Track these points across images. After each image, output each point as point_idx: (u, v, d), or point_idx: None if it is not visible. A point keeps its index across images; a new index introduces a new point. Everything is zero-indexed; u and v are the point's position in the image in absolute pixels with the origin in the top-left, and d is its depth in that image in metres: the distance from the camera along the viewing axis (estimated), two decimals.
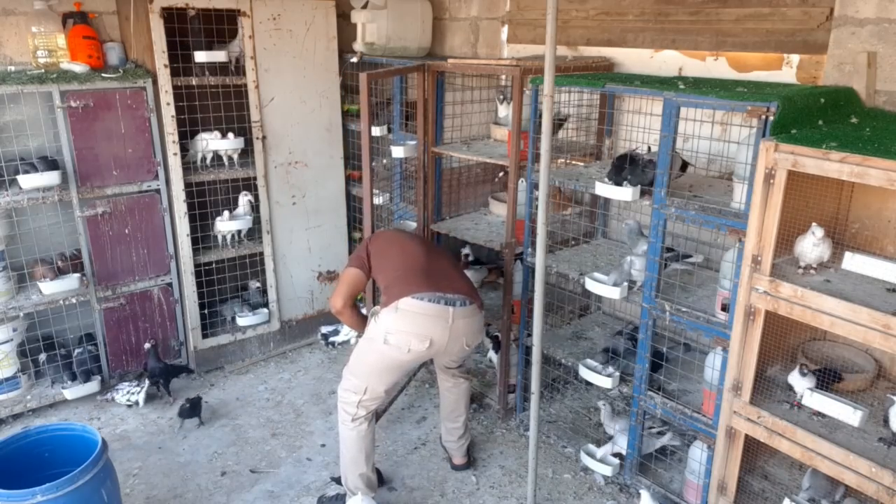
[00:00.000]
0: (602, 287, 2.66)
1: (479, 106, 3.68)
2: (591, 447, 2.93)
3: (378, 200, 3.75)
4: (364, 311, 3.09)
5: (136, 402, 3.43)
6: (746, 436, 2.25)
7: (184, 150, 3.56)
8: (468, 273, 3.36)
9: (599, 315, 3.48)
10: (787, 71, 2.69)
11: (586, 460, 2.89)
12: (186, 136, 3.58)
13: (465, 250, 3.78)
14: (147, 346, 3.46)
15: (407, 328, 2.53)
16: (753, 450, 2.32)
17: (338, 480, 2.86)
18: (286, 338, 4.13)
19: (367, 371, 2.65)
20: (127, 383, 3.49)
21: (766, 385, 2.24)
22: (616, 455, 2.87)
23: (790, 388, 2.15)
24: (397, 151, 3.54)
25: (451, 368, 2.94)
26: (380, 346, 2.57)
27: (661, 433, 2.85)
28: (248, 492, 2.91)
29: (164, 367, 3.49)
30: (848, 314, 1.88)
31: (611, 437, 2.92)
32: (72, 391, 3.38)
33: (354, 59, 3.94)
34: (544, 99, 2.16)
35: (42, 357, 3.46)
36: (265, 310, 3.98)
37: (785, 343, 2.30)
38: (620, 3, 3.19)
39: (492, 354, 3.59)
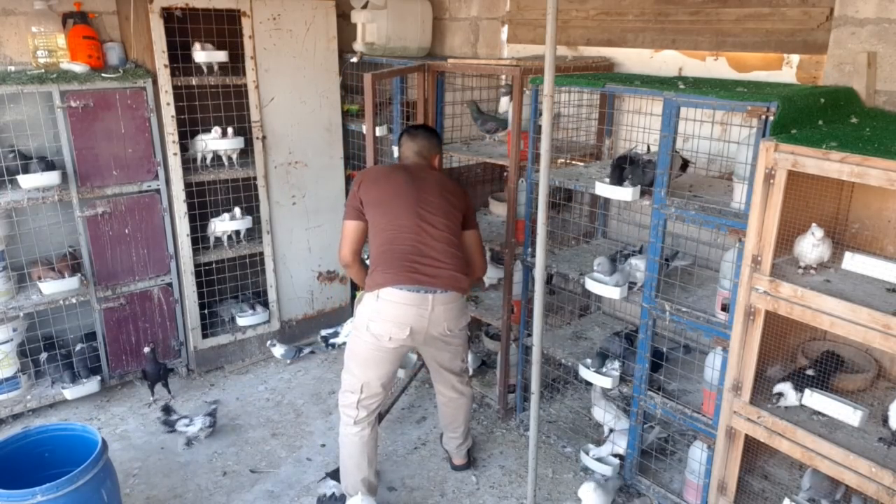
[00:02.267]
0: (602, 287, 2.66)
1: (480, 106, 3.67)
2: (591, 447, 2.94)
3: None
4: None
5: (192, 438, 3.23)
6: (746, 436, 2.25)
7: (184, 150, 3.56)
8: (491, 269, 3.31)
9: (599, 315, 3.48)
10: (787, 71, 2.69)
11: (586, 460, 2.90)
12: (186, 136, 3.58)
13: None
14: (147, 349, 3.45)
15: (387, 316, 2.53)
16: (753, 450, 2.32)
17: (331, 475, 2.85)
18: (286, 338, 4.13)
19: (359, 363, 2.63)
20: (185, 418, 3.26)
21: (766, 385, 2.24)
22: (616, 455, 2.87)
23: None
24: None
25: (452, 374, 2.85)
26: (363, 333, 2.57)
27: (650, 427, 2.85)
28: (248, 492, 2.92)
29: (163, 370, 3.49)
30: (848, 314, 1.88)
31: (600, 425, 2.92)
32: (72, 391, 3.38)
33: (354, 59, 3.94)
34: (544, 99, 2.16)
35: (42, 357, 3.46)
36: (265, 310, 3.98)
37: (785, 343, 2.30)
38: (620, 3, 3.19)
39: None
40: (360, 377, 2.63)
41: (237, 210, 3.73)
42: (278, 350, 3.91)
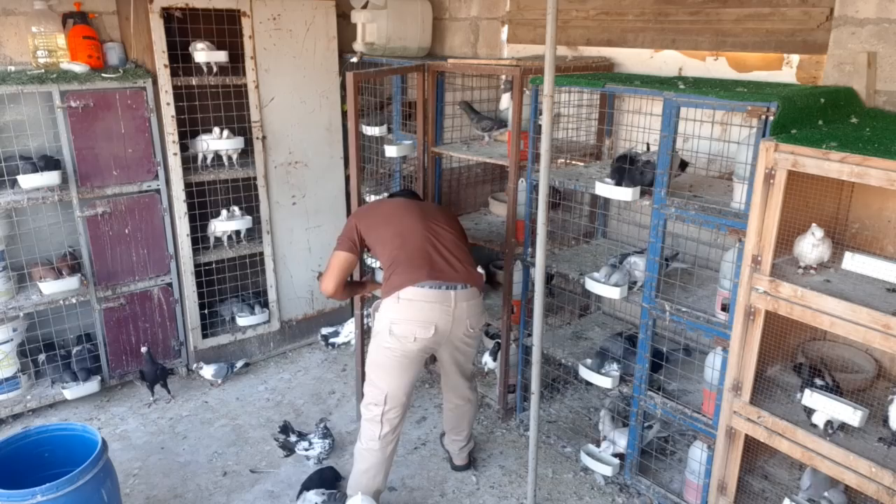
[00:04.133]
0: (602, 287, 2.66)
1: (478, 106, 3.68)
2: (591, 447, 2.93)
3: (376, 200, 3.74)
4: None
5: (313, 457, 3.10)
6: (746, 436, 2.25)
7: (184, 150, 3.56)
8: None
9: (599, 315, 3.49)
10: (787, 71, 2.69)
11: (586, 460, 2.89)
12: (186, 136, 3.58)
13: None
14: (144, 350, 3.45)
15: (410, 316, 2.49)
16: (753, 450, 2.32)
17: (307, 484, 2.81)
18: (286, 338, 4.13)
19: (381, 373, 2.58)
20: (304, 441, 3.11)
21: (766, 385, 2.24)
22: (616, 455, 2.87)
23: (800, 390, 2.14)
24: (390, 151, 3.51)
25: (464, 379, 2.83)
26: (386, 338, 2.52)
27: (648, 427, 2.85)
28: (248, 492, 2.91)
29: (160, 370, 3.49)
30: (848, 314, 1.89)
31: (605, 438, 2.93)
32: (72, 391, 3.38)
33: (354, 59, 3.94)
34: (544, 99, 2.16)
35: (42, 357, 3.46)
36: (265, 310, 3.98)
37: (785, 343, 2.30)
38: (620, 3, 3.19)
39: (487, 359, 3.53)
40: (383, 387, 2.57)
41: (235, 209, 3.73)
42: (207, 371, 3.67)
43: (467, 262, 2.63)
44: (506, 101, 3.39)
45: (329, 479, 2.87)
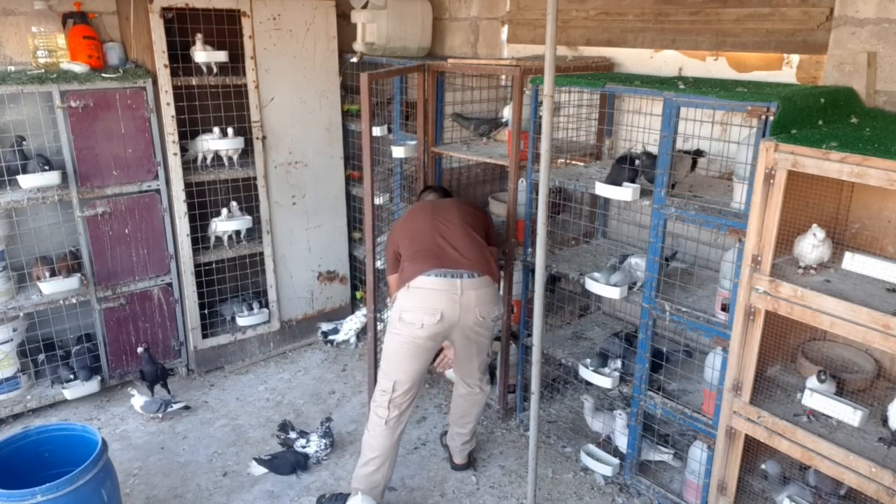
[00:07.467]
0: (602, 287, 2.66)
1: (479, 106, 3.68)
2: (592, 447, 2.93)
3: (378, 201, 3.75)
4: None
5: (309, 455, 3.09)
6: (746, 436, 2.25)
7: (184, 150, 3.56)
8: None
9: (599, 315, 3.48)
10: (787, 71, 2.69)
11: (586, 460, 2.90)
12: (186, 136, 3.58)
13: None
14: (140, 349, 3.45)
15: (418, 304, 2.57)
16: (753, 450, 2.32)
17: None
18: (286, 338, 4.13)
19: (392, 359, 2.65)
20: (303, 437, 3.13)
21: (766, 385, 2.24)
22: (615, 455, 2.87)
23: (801, 390, 2.13)
24: (397, 151, 3.53)
25: (477, 369, 2.85)
26: (396, 325, 2.61)
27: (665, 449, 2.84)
28: (248, 492, 2.92)
29: (160, 370, 3.49)
30: (848, 314, 1.89)
31: (596, 433, 2.93)
32: (72, 391, 3.38)
33: (354, 59, 3.94)
34: (544, 99, 2.16)
35: (42, 357, 3.46)
36: (265, 310, 3.98)
37: (785, 343, 2.30)
38: (620, 3, 3.18)
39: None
40: (391, 374, 2.64)
41: (234, 205, 3.73)
42: (137, 401, 3.34)
43: (478, 252, 2.67)
44: (508, 113, 3.40)
45: (284, 466, 2.98)
